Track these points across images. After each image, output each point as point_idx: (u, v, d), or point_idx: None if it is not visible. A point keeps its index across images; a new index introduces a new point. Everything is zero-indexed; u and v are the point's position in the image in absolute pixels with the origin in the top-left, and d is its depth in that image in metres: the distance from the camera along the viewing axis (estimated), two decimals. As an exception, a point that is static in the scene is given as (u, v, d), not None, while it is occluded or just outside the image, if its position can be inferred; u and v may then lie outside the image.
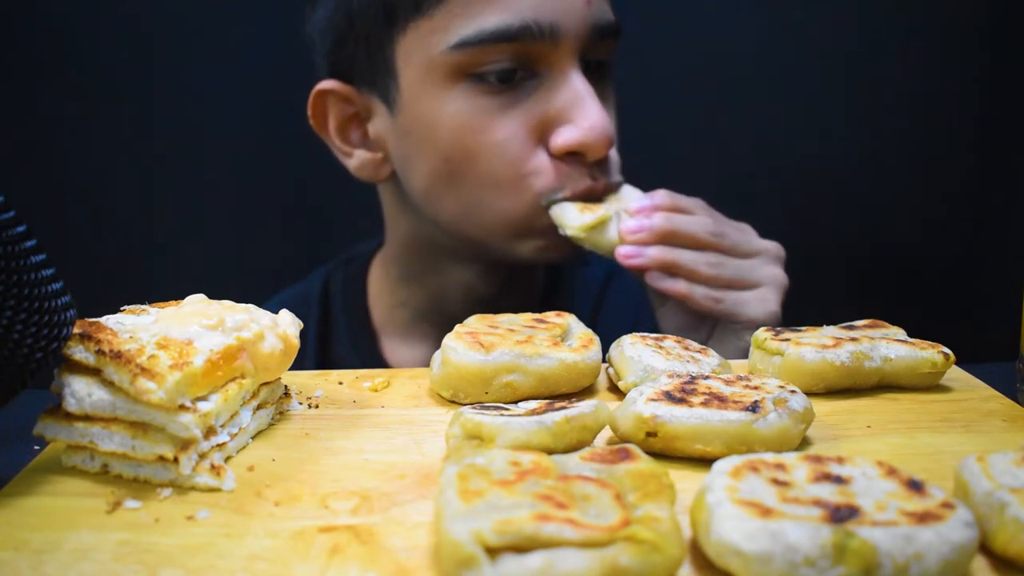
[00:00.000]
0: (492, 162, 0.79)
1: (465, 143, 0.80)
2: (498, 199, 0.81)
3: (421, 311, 0.96)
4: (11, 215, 0.45)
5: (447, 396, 0.61)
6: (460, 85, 0.79)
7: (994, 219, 1.22)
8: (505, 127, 0.79)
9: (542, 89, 0.79)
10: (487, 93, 0.78)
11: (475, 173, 0.80)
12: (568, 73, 0.79)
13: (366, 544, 0.42)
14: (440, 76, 0.79)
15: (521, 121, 0.79)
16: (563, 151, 0.79)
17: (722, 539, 0.37)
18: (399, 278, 0.96)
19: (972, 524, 0.38)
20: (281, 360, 0.56)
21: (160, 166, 1.23)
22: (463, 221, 0.84)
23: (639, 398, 0.52)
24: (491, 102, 0.79)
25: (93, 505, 0.46)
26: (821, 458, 0.43)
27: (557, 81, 0.79)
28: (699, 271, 0.75)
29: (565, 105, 0.78)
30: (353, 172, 0.89)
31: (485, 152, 0.79)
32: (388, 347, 0.98)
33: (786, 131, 1.21)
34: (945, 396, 0.62)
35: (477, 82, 0.78)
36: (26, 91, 1.20)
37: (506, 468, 0.43)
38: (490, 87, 0.78)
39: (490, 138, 0.79)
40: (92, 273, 1.01)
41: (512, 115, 0.79)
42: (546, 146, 0.80)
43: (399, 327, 0.98)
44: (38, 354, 0.47)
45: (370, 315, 0.99)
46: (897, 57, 1.18)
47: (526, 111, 0.79)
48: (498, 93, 0.78)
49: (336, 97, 0.86)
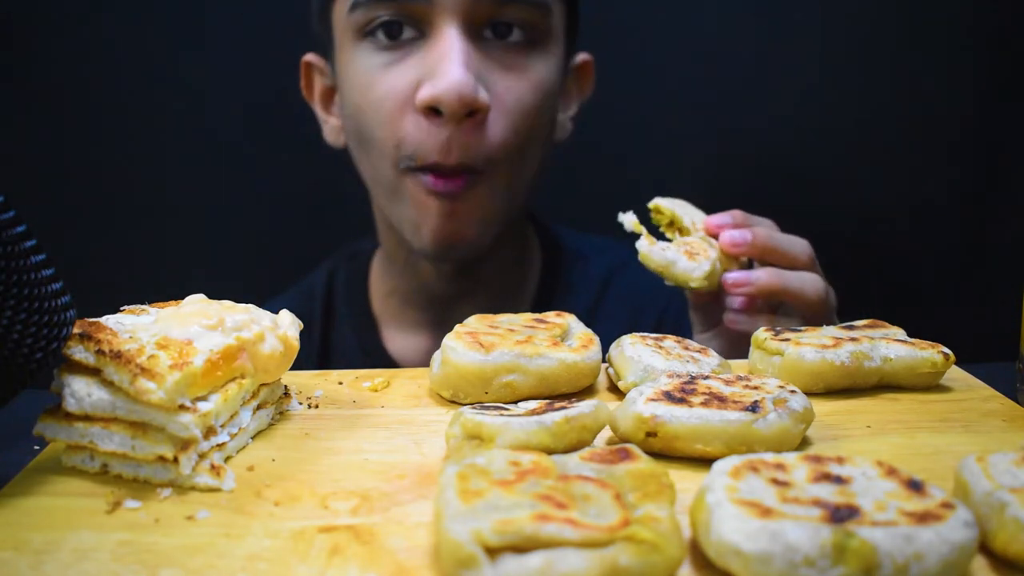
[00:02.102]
0: (373, 118, 0.84)
1: (355, 101, 0.86)
2: (370, 156, 0.86)
3: (407, 295, 0.99)
4: (11, 215, 0.45)
5: (447, 396, 0.61)
6: (360, 45, 0.85)
7: (994, 219, 1.22)
8: (386, 84, 0.83)
9: (423, 48, 0.82)
10: (378, 50, 0.84)
11: (359, 130, 0.86)
12: (443, 31, 0.81)
13: (366, 544, 0.42)
14: (349, 39, 0.86)
15: (399, 78, 0.83)
16: (420, 105, 0.81)
17: (722, 539, 0.37)
18: (384, 264, 1.00)
19: (972, 524, 0.38)
20: (281, 362, 0.56)
21: (160, 166, 1.23)
22: (369, 183, 0.90)
23: (639, 398, 0.52)
24: (381, 58, 0.84)
25: (93, 505, 0.46)
26: (821, 458, 0.43)
27: (433, 40, 0.82)
28: (806, 293, 0.73)
29: (433, 62, 0.81)
30: (325, 138, 0.97)
31: (369, 109, 0.84)
32: (388, 336, 1.00)
33: (785, 130, 1.20)
34: (945, 396, 0.62)
35: (371, 40, 0.84)
36: (26, 91, 1.20)
37: (506, 468, 0.43)
38: (381, 44, 0.83)
39: (374, 95, 0.84)
40: (92, 273, 1.01)
41: (395, 71, 0.83)
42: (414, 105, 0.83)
43: (394, 315, 1.00)
44: (38, 354, 0.47)
45: (371, 306, 1.02)
46: (897, 56, 1.18)
47: (406, 69, 0.83)
48: (387, 50, 0.83)
49: (315, 69, 0.96)
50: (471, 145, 0.82)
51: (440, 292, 0.95)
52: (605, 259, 1.02)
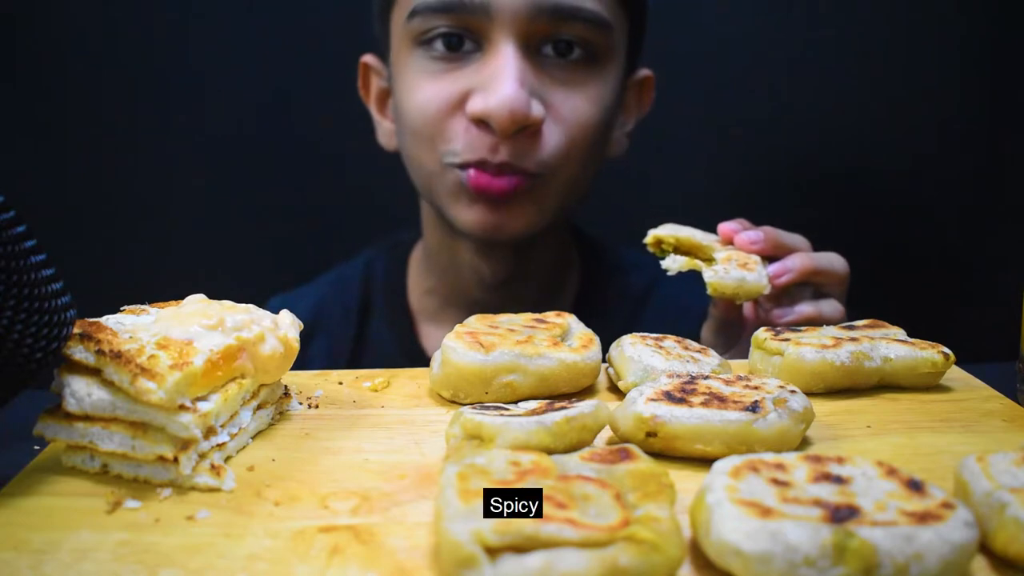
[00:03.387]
0: (417, 119, 0.85)
1: (405, 102, 0.87)
2: (416, 153, 0.87)
3: (447, 297, 0.99)
4: (11, 215, 0.45)
5: (447, 396, 0.61)
6: (416, 52, 0.85)
7: (994, 219, 1.22)
8: (434, 89, 0.84)
9: (479, 61, 0.83)
10: (434, 59, 0.84)
11: (406, 131, 0.87)
12: (499, 47, 0.82)
13: (366, 544, 0.42)
14: (405, 46, 0.86)
15: (449, 85, 0.83)
16: (470, 117, 0.82)
17: (722, 539, 0.37)
18: (426, 263, 1.00)
19: (972, 524, 0.38)
20: (281, 363, 0.56)
21: (161, 166, 1.23)
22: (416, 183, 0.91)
23: (639, 398, 0.52)
24: (436, 66, 0.84)
25: (93, 505, 0.46)
26: (821, 458, 0.43)
27: (489, 54, 0.82)
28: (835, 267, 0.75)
29: (487, 76, 0.82)
30: (378, 140, 0.98)
31: (414, 111, 0.85)
32: (424, 331, 1.01)
33: (785, 130, 1.20)
34: (945, 396, 0.62)
35: (428, 48, 0.84)
36: (26, 91, 1.20)
37: (506, 468, 0.43)
38: (438, 54, 0.84)
39: (420, 97, 0.85)
40: (92, 273, 1.01)
41: (448, 78, 0.84)
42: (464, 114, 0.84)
43: (432, 313, 1.01)
44: (38, 354, 0.47)
45: (408, 299, 1.02)
46: (897, 56, 1.18)
47: (457, 78, 0.83)
48: (443, 59, 0.84)
49: (373, 70, 0.97)
50: (523, 150, 0.83)
51: (480, 299, 0.95)
52: (643, 274, 1.02)
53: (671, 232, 0.78)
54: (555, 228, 0.93)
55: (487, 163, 0.82)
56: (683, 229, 0.79)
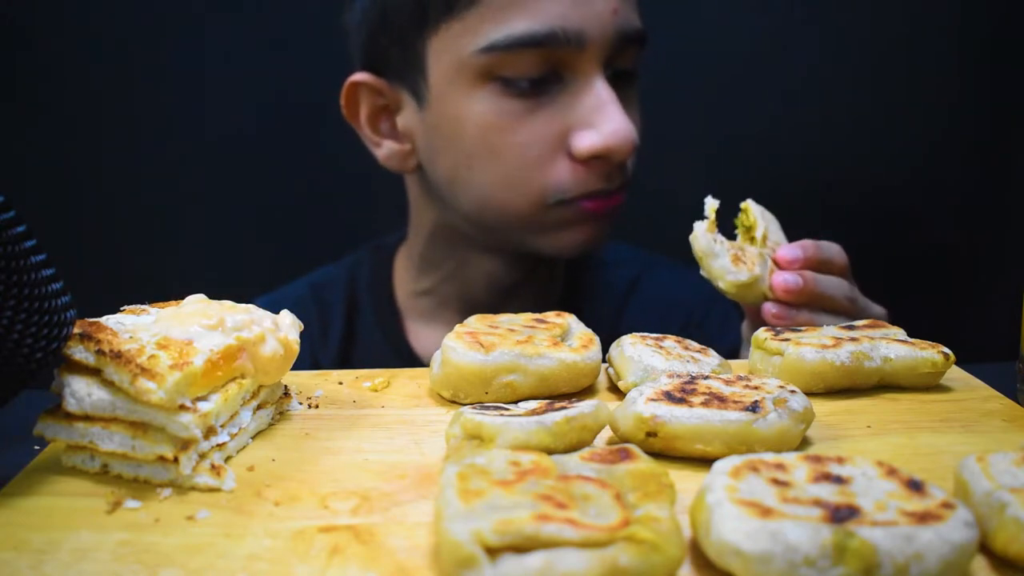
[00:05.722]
0: (514, 162, 0.82)
1: (490, 142, 0.82)
2: (509, 196, 0.83)
3: (445, 298, 0.98)
4: (11, 215, 0.45)
5: (447, 396, 0.61)
6: (488, 86, 0.81)
7: (994, 219, 1.22)
8: (530, 130, 0.81)
9: (567, 94, 0.81)
10: (514, 96, 0.81)
11: (495, 171, 0.83)
12: (592, 79, 0.80)
13: (366, 544, 0.42)
14: (469, 76, 0.81)
15: (545, 125, 0.81)
16: (586, 155, 0.80)
17: (722, 539, 0.37)
18: (423, 267, 0.99)
19: (972, 524, 0.38)
20: (281, 364, 0.56)
21: (160, 166, 1.23)
22: (482, 212, 0.86)
23: (639, 398, 0.52)
24: (517, 105, 0.81)
25: (93, 505, 0.46)
26: (821, 458, 0.43)
27: (581, 87, 0.81)
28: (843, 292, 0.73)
29: (588, 111, 0.80)
30: (381, 162, 0.92)
31: (509, 153, 0.82)
32: (412, 330, 1.00)
33: (786, 130, 1.21)
34: (945, 396, 0.62)
35: (505, 84, 0.80)
36: (26, 91, 1.20)
37: (506, 468, 0.43)
38: (518, 90, 0.80)
39: (515, 139, 0.81)
40: (92, 273, 1.01)
41: (537, 118, 0.81)
42: (567, 150, 0.82)
43: (423, 312, 1.00)
44: (38, 354, 0.47)
45: (395, 299, 1.02)
46: (897, 56, 1.18)
47: (551, 115, 0.81)
48: (525, 96, 0.81)
49: (368, 89, 0.89)
50: (623, 174, 0.84)
51: (483, 300, 0.95)
52: (629, 267, 1.02)
53: (756, 211, 0.77)
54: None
55: (603, 191, 0.83)
56: (770, 219, 0.78)
